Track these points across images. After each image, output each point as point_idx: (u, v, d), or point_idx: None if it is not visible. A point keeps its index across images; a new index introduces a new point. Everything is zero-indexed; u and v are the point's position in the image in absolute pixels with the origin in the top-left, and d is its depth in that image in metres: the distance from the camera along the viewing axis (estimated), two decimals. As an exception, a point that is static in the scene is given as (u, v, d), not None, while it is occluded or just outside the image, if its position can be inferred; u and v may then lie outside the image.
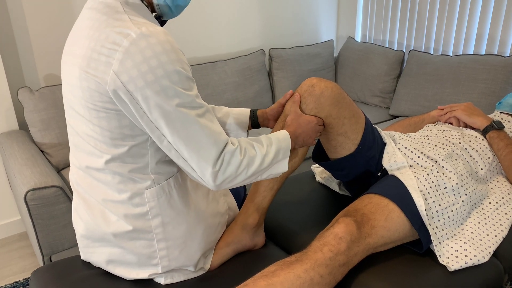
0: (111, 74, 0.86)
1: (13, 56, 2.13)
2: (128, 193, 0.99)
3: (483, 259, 1.10)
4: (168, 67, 0.87)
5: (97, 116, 0.92)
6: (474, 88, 2.35)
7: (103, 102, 0.90)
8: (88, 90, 0.90)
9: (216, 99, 2.58)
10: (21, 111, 2.21)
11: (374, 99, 2.82)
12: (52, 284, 1.09)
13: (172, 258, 1.05)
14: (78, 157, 1.02)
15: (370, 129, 1.26)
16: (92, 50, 0.88)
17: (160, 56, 0.86)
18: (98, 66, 0.87)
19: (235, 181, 0.96)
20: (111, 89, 0.87)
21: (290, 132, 1.10)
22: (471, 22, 2.50)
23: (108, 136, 0.94)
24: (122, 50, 0.85)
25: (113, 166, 0.97)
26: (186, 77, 0.90)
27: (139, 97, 0.87)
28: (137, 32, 0.86)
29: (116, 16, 0.90)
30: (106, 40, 0.87)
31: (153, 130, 0.90)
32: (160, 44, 0.87)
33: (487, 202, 1.29)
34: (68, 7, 2.21)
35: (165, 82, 0.87)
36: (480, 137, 1.40)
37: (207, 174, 0.92)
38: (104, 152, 0.96)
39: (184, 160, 0.92)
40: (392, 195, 1.12)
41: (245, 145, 0.98)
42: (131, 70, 0.85)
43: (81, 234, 1.08)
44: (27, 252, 2.06)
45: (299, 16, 3.08)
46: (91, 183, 1.01)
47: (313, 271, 0.96)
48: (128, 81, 0.86)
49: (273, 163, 1.02)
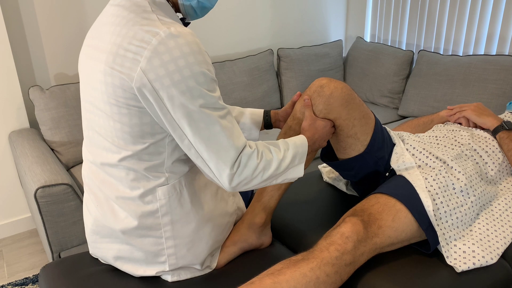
0: (138, 71, 0.87)
1: (24, 56, 2.16)
2: (141, 190, 1.00)
3: (492, 261, 1.09)
4: (195, 68, 0.88)
5: (118, 112, 0.93)
6: (484, 88, 2.32)
7: (126, 98, 0.91)
8: (112, 86, 0.91)
9: (224, 99, 2.58)
10: (32, 110, 2.24)
11: (383, 99, 2.80)
12: (61, 280, 1.10)
13: (180, 256, 1.06)
14: (93, 152, 1.03)
15: (380, 130, 1.25)
16: (119, 46, 0.89)
17: (187, 56, 0.87)
18: (124, 63, 0.88)
19: (250, 183, 0.96)
20: (137, 86, 0.88)
21: (308, 138, 1.11)
22: (481, 22, 2.48)
23: (128, 132, 0.95)
24: (151, 48, 0.86)
25: (129, 163, 0.98)
26: (211, 78, 0.91)
27: (165, 96, 0.88)
28: (166, 32, 0.87)
29: (144, 15, 0.91)
30: (134, 38, 0.88)
31: (175, 129, 0.91)
32: (188, 45, 0.87)
33: (496, 203, 1.28)
34: (79, 7, 2.23)
35: (191, 82, 0.87)
36: (490, 138, 1.38)
37: (224, 176, 0.93)
38: (121, 148, 0.97)
39: (202, 160, 0.93)
40: (399, 195, 1.12)
41: (262, 149, 0.98)
42: (158, 68, 0.86)
43: (90, 229, 1.09)
44: (36, 249, 2.09)
45: (308, 16, 3.07)
46: (103, 178, 1.02)
47: (319, 270, 0.96)
48: (155, 79, 0.87)
49: (289, 168, 1.02)
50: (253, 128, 1.27)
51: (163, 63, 0.86)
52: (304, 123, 1.14)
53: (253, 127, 1.27)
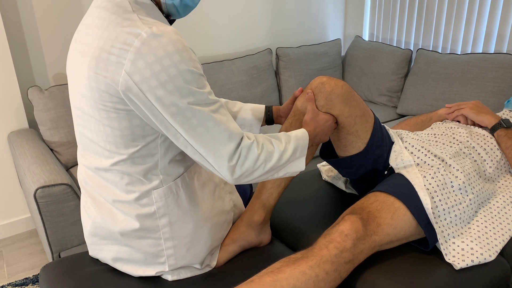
0: (123, 75, 0.86)
1: (23, 56, 2.16)
2: (136, 194, 0.99)
3: (490, 258, 1.09)
4: (181, 66, 0.86)
5: (107, 117, 0.92)
6: (482, 87, 2.33)
7: (113, 102, 0.90)
8: (98, 91, 0.90)
9: (223, 98, 2.59)
10: (31, 110, 2.24)
11: (382, 98, 2.81)
12: (61, 280, 1.10)
13: (179, 257, 1.06)
14: (86, 157, 1.03)
15: (379, 128, 1.26)
16: (101, 49, 0.88)
17: (172, 55, 0.86)
18: (108, 67, 0.87)
19: (252, 175, 0.96)
20: (122, 90, 0.87)
21: (309, 131, 1.10)
22: (480, 20, 2.48)
23: (119, 136, 0.94)
24: (134, 51, 0.85)
25: (122, 167, 0.97)
26: (198, 75, 0.90)
27: (153, 97, 0.86)
28: (148, 32, 0.85)
29: (125, 15, 0.89)
30: (116, 40, 0.86)
31: (168, 128, 0.90)
32: (172, 44, 0.86)
33: (494, 201, 1.28)
34: (77, 7, 2.23)
35: (179, 81, 0.86)
36: (488, 135, 1.39)
37: (224, 169, 0.92)
38: (114, 152, 0.96)
39: (201, 155, 0.92)
40: (398, 193, 1.12)
41: (262, 141, 0.98)
42: (143, 70, 0.85)
43: (89, 231, 1.09)
44: (36, 249, 2.09)
45: (307, 15, 3.08)
46: (99, 182, 1.02)
47: (319, 268, 0.96)
48: (141, 81, 0.85)
49: (290, 161, 1.01)
50: (253, 124, 1.27)
51: (147, 64, 0.85)
52: (306, 117, 1.14)
53: (254, 123, 1.27)
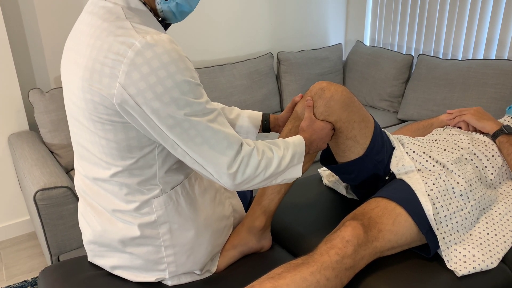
0: (118, 87, 0.83)
1: (24, 58, 2.16)
2: (136, 203, 0.99)
3: (492, 265, 1.09)
4: (177, 77, 0.84)
5: (102, 129, 0.90)
6: (483, 93, 2.33)
7: (108, 115, 0.87)
8: (92, 103, 0.87)
9: (223, 102, 2.59)
10: (31, 112, 2.24)
11: (383, 103, 2.81)
12: (60, 284, 1.09)
13: (180, 264, 1.06)
14: (84, 166, 1.01)
15: (379, 133, 1.26)
16: (95, 60, 0.85)
17: (168, 66, 0.83)
18: (102, 79, 0.84)
19: (253, 181, 0.95)
20: (118, 102, 0.84)
21: (305, 138, 1.10)
22: (481, 26, 2.49)
23: (115, 148, 0.92)
24: (127, 62, 0.82)
25: (121, 178, 0.96)
26: (195, 85, 0.87)
27: (149, 109, 0.84)
28: (142, 42, 0.82)
29: (118, 23, 0.85)
30: (109, 50, 0.83)
31: (166, 140, 0.89)
32: (167, 54, 0.83)
33: (496, 207, 1.28)
34: (79, 10, 2.23)
35: (175, 93, 0.84)
36: (489, 142, 1.38)
37: (224, 177, 0.91)
38: (111, 164, 0.95)
39: (199, 165, 0.91)
40: (399, 199, 1.12)
41: (262, 147, 0.97)
42: (138, 82, 0.82)
43: (88, 239, 1.08)
44: (35, 252, 2.08)
45: (308, 20, 3.08)
46: (98, 192, 1.01)
47: (320, 274, 0.96)
48: (136, 93, 0.83)
49: (288, 167, 1.01)
50: (250, 132, 1.26)
51: (142, 76, 0.82)
52: (303, 124, 1.14)
53: (251, 130, 1.26)
